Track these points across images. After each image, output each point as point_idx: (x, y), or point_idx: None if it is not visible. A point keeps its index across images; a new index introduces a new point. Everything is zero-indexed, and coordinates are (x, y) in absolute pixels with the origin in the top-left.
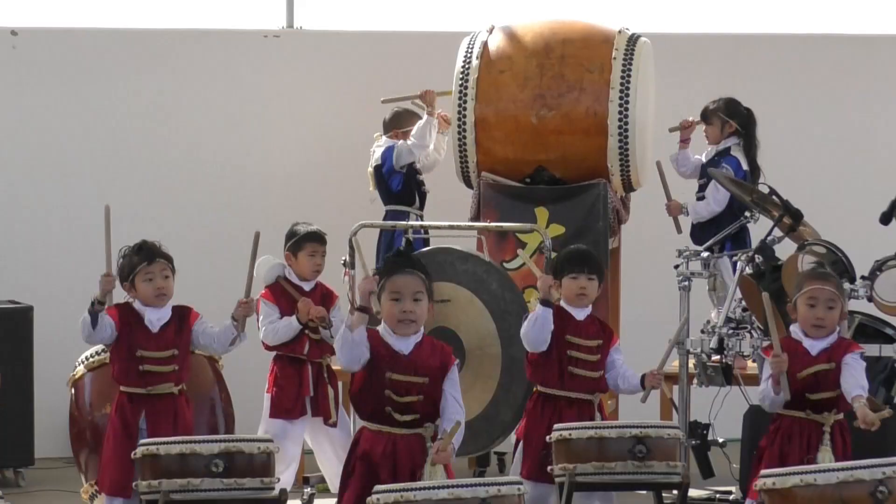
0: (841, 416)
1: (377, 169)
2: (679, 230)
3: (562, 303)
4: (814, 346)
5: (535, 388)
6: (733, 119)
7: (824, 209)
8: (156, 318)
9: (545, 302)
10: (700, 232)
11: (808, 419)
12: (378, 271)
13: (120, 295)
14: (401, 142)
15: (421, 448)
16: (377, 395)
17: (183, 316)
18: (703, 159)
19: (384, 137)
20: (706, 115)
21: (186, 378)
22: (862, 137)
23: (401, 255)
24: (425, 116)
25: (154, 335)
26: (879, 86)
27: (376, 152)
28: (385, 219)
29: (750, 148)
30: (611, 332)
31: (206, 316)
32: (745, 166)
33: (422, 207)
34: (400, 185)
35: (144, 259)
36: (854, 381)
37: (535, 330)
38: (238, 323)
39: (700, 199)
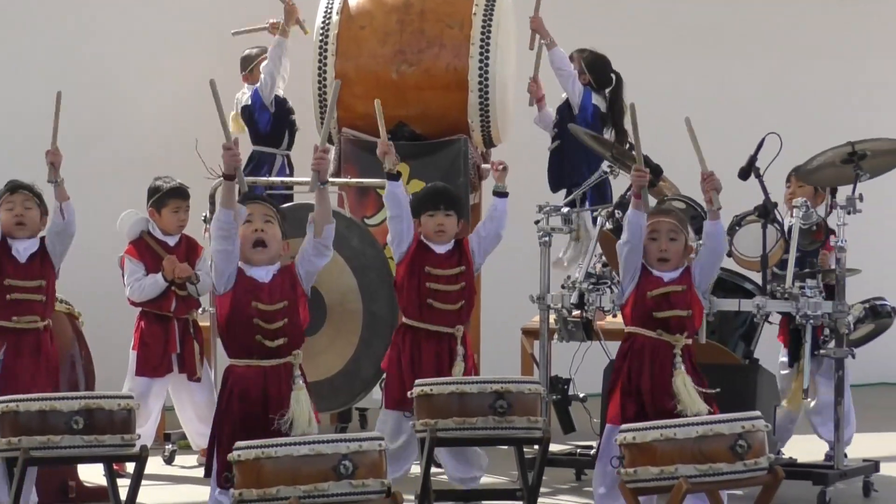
0: (689, 341)
1: (245, 109)
2: (531, 102)
3: (423, 238)
4: (664, 275)
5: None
6: (590, 73)
7: (683, 164)
8: (23, 247)
9: (389, 175)
10: (555, 177)
11: (659, 339)
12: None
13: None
14: (267, 71)
15: (289, 377)
16: (246, 325)
17: (43, 245)
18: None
19: (246, 84)
20: (572, 55)
21: (51, 313)
22: (720, 93)
23: (252, 194)
24: (276, 38)
25: (22, 265)
26: (738, 41)
27: (242, 98)
28: (250, 159)
29: (614, 111)
30: (465, 244)
31: (73, 260)
32: (603, 109)
33: (290, 147)
34: (268, 126)
35: (7, 189)
36: None
37: (388, 204)
38: (57, 184)
39: (554, 148)
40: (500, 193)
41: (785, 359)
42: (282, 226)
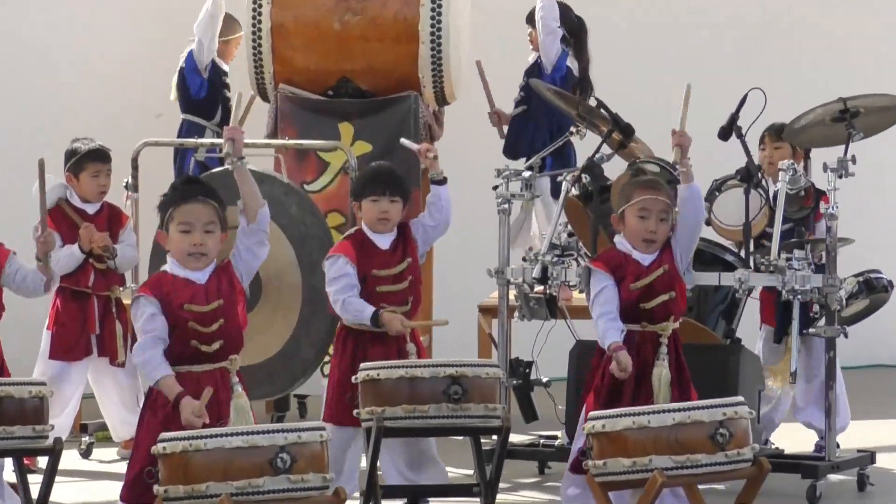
0: (677, 324)
1: (181, 71)
2: (502, 135)
3: (364, 228)
4: (645, 258)
5: (339, 321)
6: (561, 25)
7: (656, 123)
8: None
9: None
10: (515, 144)
11: (645, 331)
12: (165, 198)
13: None
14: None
15: (226, 384)
16: (180, 331)
17: None
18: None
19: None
20: (531, 18)
21: None
22: (697, 45)
23: (193, 183)
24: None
25: None
26: None
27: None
28: (180, 130)
29: (580, 59)
30: (407, 230)
31: None
32: (576, 74)
33: (222, 123)
34: (202, 91)
35: None
36: None
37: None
38: (42, 263)
39: (518, 112)
40: (438, 182)
41: (761, 340)
42: (223, 222)
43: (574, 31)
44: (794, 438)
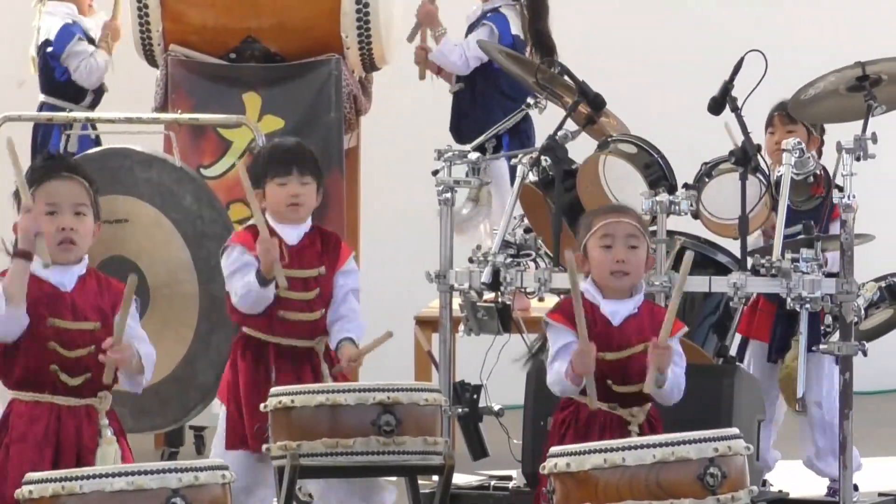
0: (648, 405)
1: (43, 48)
2: (422, 75)
3: (269, 219)
4: (616, 313)
5: (239, 329)
6: None
7: (633, 94)
8: None
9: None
10: (465, 122)
11: (612, 413)
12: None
13: None
14: (86, 50)
15: (92, 424)
16: (38, 349)
17: None
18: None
19: (51, 2)
20: None
21: None
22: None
23: (56, 158)
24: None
25: None
26: None
27: (43, 27)
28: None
29: (538, 16)
30: (338, 248)
31: None
32: (514, 30)
33: (94, 106)
34: (67, 75)
35: None
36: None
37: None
38: None
39: (457, 91)
40: None
41: (747, 360)
42: (96, 207)
43: None
44: (799, 479)
